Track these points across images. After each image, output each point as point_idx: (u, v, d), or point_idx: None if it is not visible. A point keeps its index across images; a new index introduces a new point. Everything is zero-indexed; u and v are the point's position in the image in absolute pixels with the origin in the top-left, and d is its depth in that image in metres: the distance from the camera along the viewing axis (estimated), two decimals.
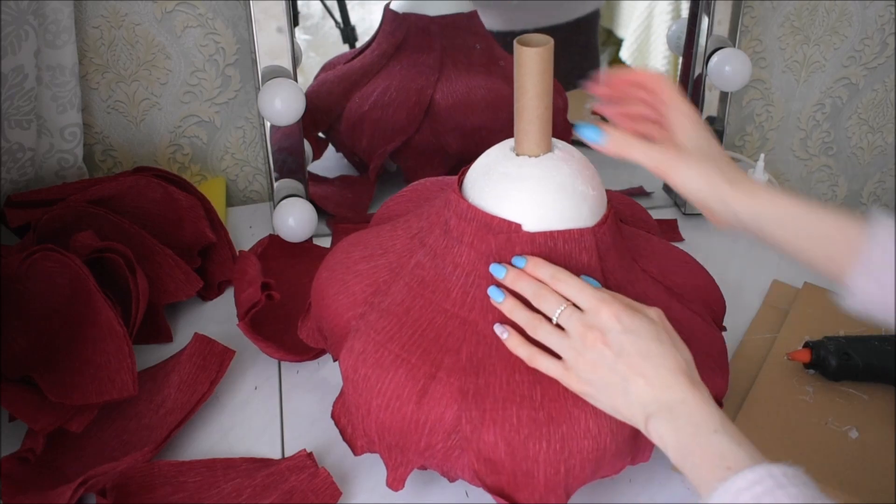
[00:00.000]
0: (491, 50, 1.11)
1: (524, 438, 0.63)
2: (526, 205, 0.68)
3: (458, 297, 0.69)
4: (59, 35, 0.94)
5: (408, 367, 0.66)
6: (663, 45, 1.16)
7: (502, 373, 0.65)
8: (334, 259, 0.78)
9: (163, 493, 0.72)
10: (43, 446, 0.74)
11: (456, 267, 0.69)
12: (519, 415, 0.63)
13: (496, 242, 0.68)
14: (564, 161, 0.70)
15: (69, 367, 0.78)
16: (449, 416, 0.64)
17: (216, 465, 0.74)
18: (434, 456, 0.66)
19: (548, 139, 0.69)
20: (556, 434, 0.63)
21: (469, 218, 0.69)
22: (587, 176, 0.70)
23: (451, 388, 0.65)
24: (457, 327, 0.68)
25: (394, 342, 0.68)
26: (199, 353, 0.82)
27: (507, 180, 0.69)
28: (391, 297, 0.71)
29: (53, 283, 0.82)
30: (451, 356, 0.66)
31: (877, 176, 1.36)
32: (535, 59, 0.65)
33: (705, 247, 1.05)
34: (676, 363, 0.60)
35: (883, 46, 1.23)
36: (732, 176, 0.65)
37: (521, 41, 0.66)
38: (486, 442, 0.63)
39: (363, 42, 1.11)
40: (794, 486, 0.52)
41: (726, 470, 0.55)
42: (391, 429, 0.66)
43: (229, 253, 0.98)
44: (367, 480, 0.74)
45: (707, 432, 0.57)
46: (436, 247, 0.71)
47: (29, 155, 0.97)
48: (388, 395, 0.66)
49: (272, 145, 0.95)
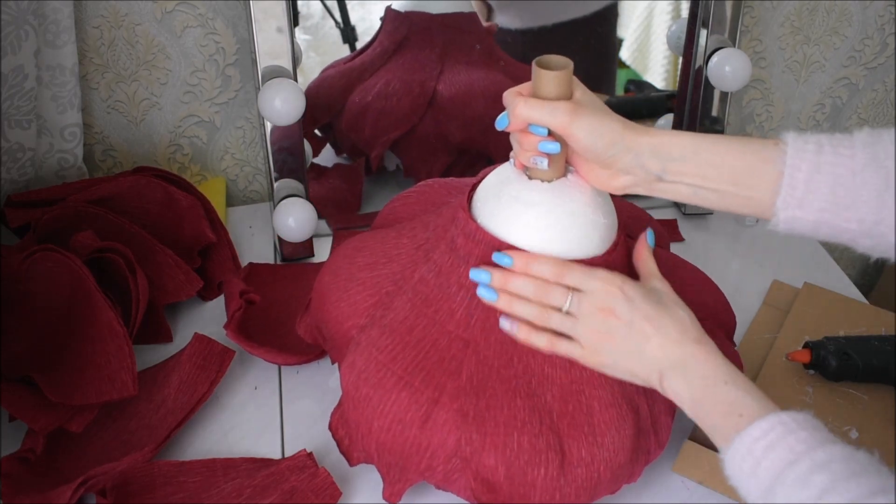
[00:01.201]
0: (491, 50, 1.11)
1: (524, 464, 0.63)
2: (535, 231, 0.67)
3: (461, 318, 0.68)
4: (59, 35, 0.94)
5: (410, 391, 0.66)
6: (663, 45, 1.16)
7: (503, 397, 0.65)
8: (337, 263, 0.78)
9: (163, 493, 0.72)
10: (43, 446, 0.74)
11: (461, 287, 0.69)
12: (520, 441, 0.64)
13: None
14: (577, 187, 0.69)
15: (69, 367, 0.78)
16: (451, 442, 0.65)
17: (216, 465, 0.74)
18: (433, 476, 0.67)
19: (562, 164, 0.68)
20: (554, 461, 0.64)
21: (477, 240, 0.68)
22: (599, 203, 0.69)
23: (452, 413, 0.65)
24: (459, 349, 0.68)
25: (396, 363, 0.67)
26: (198, 353, 0.82)
27: (517, 204, 0.68)
28: (393, 313, 0.71)
29: (54, 283, 0.82)
30: (453, 380, 0.66)
31: None
32: (555, 82, 0.64)
33: (705, 247, 1.05)
34: (681, 322, 0.63)
35: (883, 46, 1.23)
36: (629, 123, 0.65)
37: (541, 63, 0.65)
38: (486, 465, 0.64)
39: (363, 42, 1.11)
40: (804, 430, 0.55)
41: (738, 418, 0.58)
42: (392, 450, 0.66)
43: (229, 253, 0.98)
44: (367, 481, 0.74)
45: (717, 383, 0.60)
46: (441, 263, 0.71)
47: (29, 155, 0.97)
48: (390, 417, 0.66)
49: (272, 145, 0.95)
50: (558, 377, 0.67)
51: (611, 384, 0.67)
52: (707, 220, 1.11)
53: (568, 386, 0.67)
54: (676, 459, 0.76)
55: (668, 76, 1.18)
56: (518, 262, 0.66)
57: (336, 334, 0.74)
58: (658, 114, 1.17)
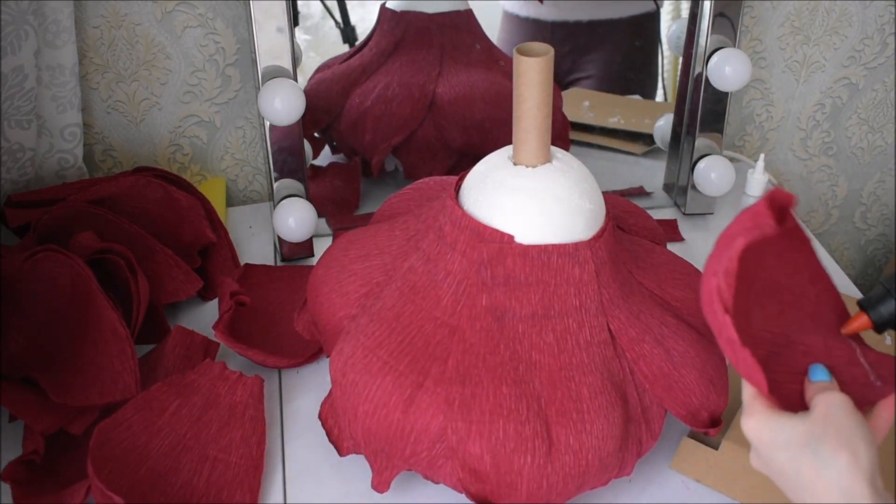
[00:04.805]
0: (490, 50, 1.11)
1: (510, 452, 0.63)
2: (519, 216, 0.67)
3: (448, 304, 0.69)
4: (59, 35, 0.94)
5: (395, 375, 0.66)
6: (663, 45, 1.16)
7: (489, 384, 0.65)
8: (331, 256, 0.78)
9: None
10: (44, 448, 0.74)
11: (448, 274, 0.69)
12: (505, 428, 0.63)
13: (488, 252, 0.67)
14: (562, 172, 0.69)
15: (71, 368, 0.78)
16: (434, 426, 0.64)
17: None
18: (419, 462, 0.66)
19: (546, 149, 0.69)
20: (541, 449, 0.63)
21: (462, 226, 0.69)
22: (585, 188, 0.69)
23: (437, 397, 0.65)
24: (445, 336, 0.68)
25: (382, 349, 0.67)
26: (181, 345, 0.82)
27: (501, 190, 0.68)
28: (382, 302, 0.71)
29: (55, 283, 0.82)
30: (438, 365, 0.66)
31: (877, 176, 1.36)
32: (535, 69, 0.64)
33: (705, 247, 1.05)
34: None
35: (883, 46, 1.23)
36: None
37: (521, 50, 0.65)
38: (472, 453, 0.63)
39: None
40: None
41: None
42: (377, 435, 0.66)
43: (229, 253, 0.98)
44: (367, 480, 0.74)
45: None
46: (429, 251, 0.71)
47: (29, 155, 0.97)
48: (374, 401, 0.66)
49: (272, 145, 0.95)
50: (547, 363, 0.67)
51: (601, 370, 0.67)
52: (707, 220, 1.11)
53: (557, 372, 0.66)
54: (674, 457, 0.76)
55: (668, 76, 1.18)
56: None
57: (329, 325, 0.74)
58: None
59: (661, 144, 1.15)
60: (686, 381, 0.70)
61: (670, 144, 1.12)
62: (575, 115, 1.17)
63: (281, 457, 0.77)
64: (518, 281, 0.67)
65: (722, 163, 1.05)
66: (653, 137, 1.17)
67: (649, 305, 0.72)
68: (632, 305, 0.71)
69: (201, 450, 0.73)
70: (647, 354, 0.70)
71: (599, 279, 0.69)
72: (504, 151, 0.72)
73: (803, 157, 1.32)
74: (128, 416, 0.73)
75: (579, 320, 0.68)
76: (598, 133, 1.20)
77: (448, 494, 0.72)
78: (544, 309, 0.68)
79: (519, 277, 0.67)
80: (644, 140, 1.20)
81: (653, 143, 1.18)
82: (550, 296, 0.68)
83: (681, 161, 1.09)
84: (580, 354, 0.67)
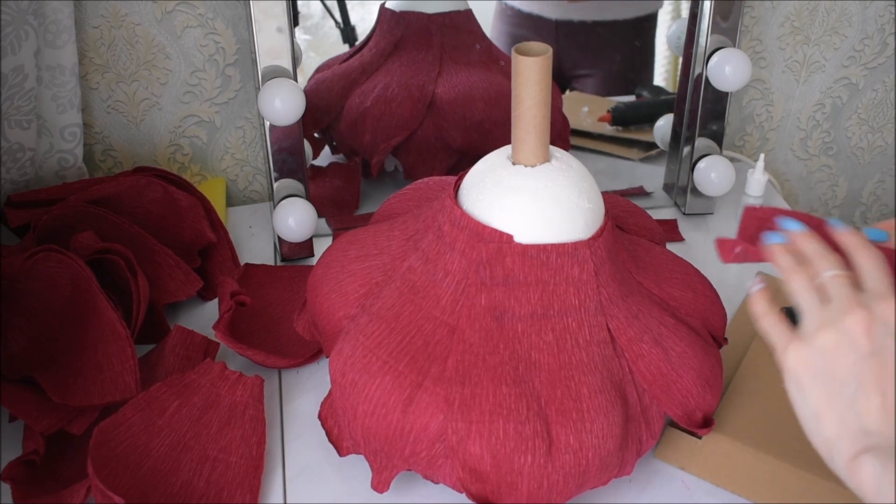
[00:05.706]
0: (490, 50, 1.11)
1: (509, 452, 0.63)
2: (518, 215, 0.67)
3: (447, 304, 0.69)
4: (59, 35, 0.94)
5: (394, 375, 0.66)
6: (663, 45, 1.16)
7: (488, 384, 0.65)
8: (330, 256, 0.78)
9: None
10: (44, 448, 0.74)
11: (447, 274, 0.69)
12: (505, 428, 0.63)
13: (487, 252, 0.67)
14: (561, 172, 0.69)
15: (71, 368, 0.78)
16: (434, 426, 0.64)
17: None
18: (418, 462, 0.66)
19: (545, 149, 0.69)
20: (541, 449, 0.63)
21: (461, 225, 0.69)
22: (584, 188, 0.69)
23: (436, 397, 0.65)
24: (445, 335, 0.68)
25: (382, 348, 0.67)
26: (181, 344, 0.82)
27: (500, 189, 0.68)
28: (382, 301, 0.71)
29: (55, 283, 0.82)
30: (437, 365, 0.66)
31: (877, 176, 1.36)
32: (534, 68, 0.64)
33: (705, 247, 1.05)
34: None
35: (883, 46, 1.23)
36: None
37: (520, 50, 0.65)
38: (472, 454, 0.63)
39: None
40: None
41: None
42: (377, 435, 0.66)
43: (229, 253, 0.98)
44: (367, 480, 0.74)
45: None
46: (429, 251, 0.71)
47: (29, 155, 0.97)
48: (374, 401, 0.66)
49: (272, 145, 0.95)
50: (546, 362, 0.67)
51: (600, 370, 0.67)
52: (707, 220, 1.11)
53: (557, 371, 0.66)
54: (658, 445, 0.76)
55: (668, 76, 1.18)
56: (849, 241, 0.56)
57: (328, 326, 0.74)
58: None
59: (661, 144, 1.15)
60: (683, 381, 0.70)
61: (670, 144, 1.12)
62: (574, 121, 1.17)
63: (281, 457, 0.77)
64: (517, 280, 0.67)
65: (722, 163, 1.05)
66: (650, 143, 1.17)
67: (648, 305, 0.72)
68: (631, 305, 0.71)
69: (201, 450, 0.73)
70: (645, 354, 0.70)
71: (598, 278, 0.69)
72: (503, 151, 0.72)
73: (803, 157, 1.32)
74: (128, 416, 0.73)
75: (578, 320, 0.69)
76: (597, 139, 1.20)
77: (448, 494, 0.72)
78: (543, 308, 0.68)
79: (518, 277, 0.67)
80: (641, 146, 1.20)
81: (650, 148, 1.18)
82: (550, 295, 0.68)
83: (681, 161, 1.09)
84: (580, 354, 0.67)
